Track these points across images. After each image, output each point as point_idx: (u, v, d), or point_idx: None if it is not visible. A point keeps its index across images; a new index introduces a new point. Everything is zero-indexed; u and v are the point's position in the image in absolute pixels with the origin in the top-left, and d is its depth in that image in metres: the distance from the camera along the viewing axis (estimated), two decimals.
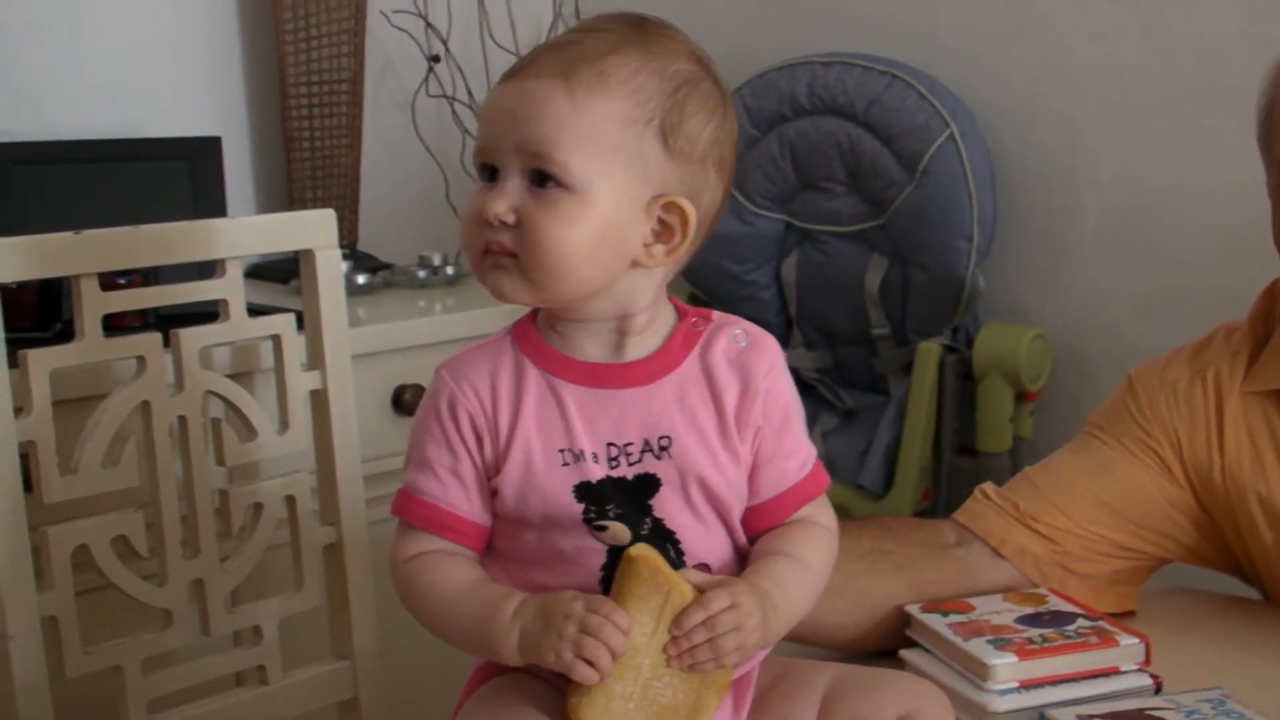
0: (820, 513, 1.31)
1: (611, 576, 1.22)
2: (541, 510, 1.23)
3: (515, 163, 1.20)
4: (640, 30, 1.24)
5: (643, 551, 1.19)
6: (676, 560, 1.25)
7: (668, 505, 1.24)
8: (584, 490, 1.23)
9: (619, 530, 1.23)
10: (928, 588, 1.63)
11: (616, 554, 1.22)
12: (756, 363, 1.27)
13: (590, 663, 1.16)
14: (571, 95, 1.19)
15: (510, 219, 1.20)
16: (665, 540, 1.24)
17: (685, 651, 1.18)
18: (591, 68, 1.20)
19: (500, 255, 1.21)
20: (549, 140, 1.19)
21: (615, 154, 1.20)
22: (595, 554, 1.24)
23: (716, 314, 1.30)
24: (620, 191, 1.21)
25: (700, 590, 1.19)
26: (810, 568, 1.28)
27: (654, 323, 1.27)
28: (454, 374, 1.27)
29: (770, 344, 1.29)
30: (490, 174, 1.22)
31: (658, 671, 1.18)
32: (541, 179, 1.19)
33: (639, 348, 1.26)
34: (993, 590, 1.63)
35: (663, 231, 1.24)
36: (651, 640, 1.18)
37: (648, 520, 1.24)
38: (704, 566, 1.26)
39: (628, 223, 1.22)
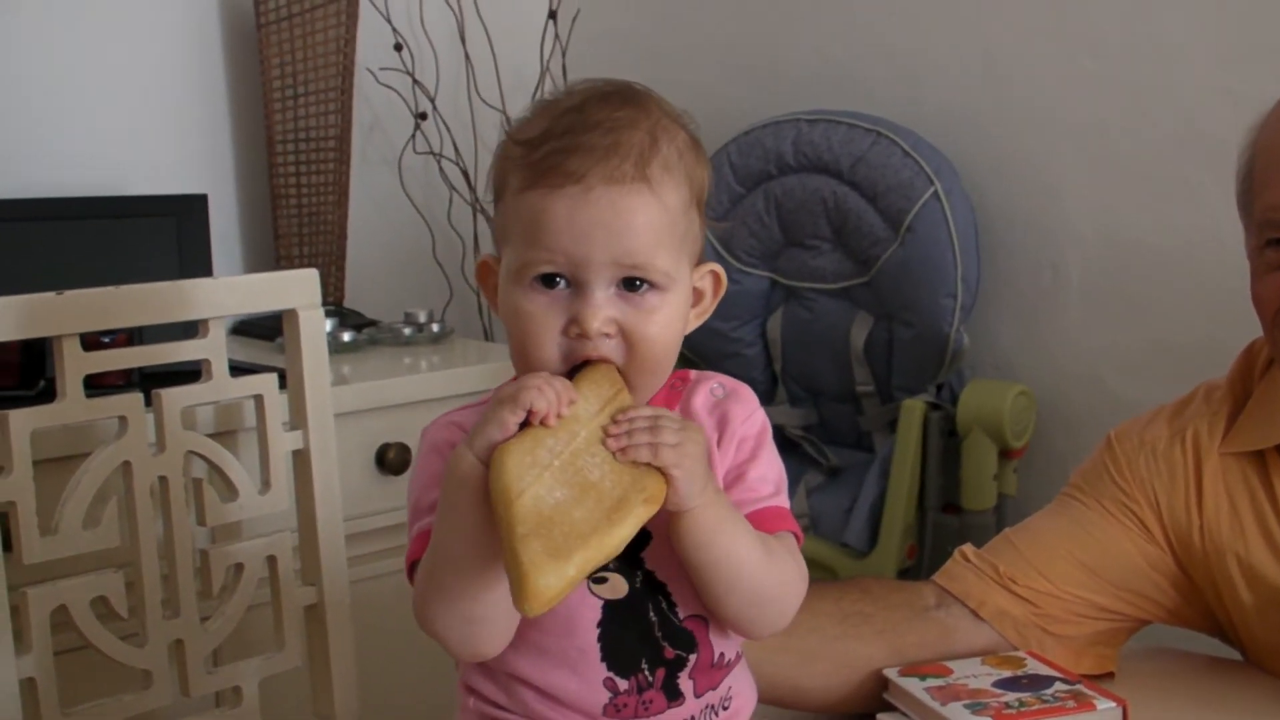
0: (786, 542, 1.27)
1: (607, 633, 1.22)
2: None
3: (607, 274, 1.18)
4: (647, 106, 1.23)
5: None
6: (668, 612, 1.25)
7: (658, 557, 1.24)
8: None
9: (618, 582, 1.23)
10: (908, 650, 1.62)
11: (611, 609, 1.23)
12: (735, 410, 1.27)
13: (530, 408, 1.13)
14: (659, 199, 1.18)
15: (611, 330, 1.18)
16: (656, 592, 1.24)
17: (623, 433, 1.14)
18: (657, 163, 1.19)
19: None
20: (651, 250, 1.18)
21: (683, 241, 1.22)
22: (590, 609, 1.23)
23: (693, 372, 1.30)
24: (686, 274, 1.23)
25: None
26: (768, 544, 1.23)
27: None
28: (445, 428, 1.26)
29: (746, 393, 1.30)
30: (550, 281, 1.19)
31: (592, 447, 1.14)
32: (633, 284, 1.18)
33: None
34: (972, 653, 1.62)
35: (696, 297, 1.26)
36: (594, 419, 1.15)
37: (639, 573, 1.24)
38: (697, 619, 1.26)
39: (689, 299, 1.24)
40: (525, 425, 1.13)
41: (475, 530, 1.14)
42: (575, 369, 1.19)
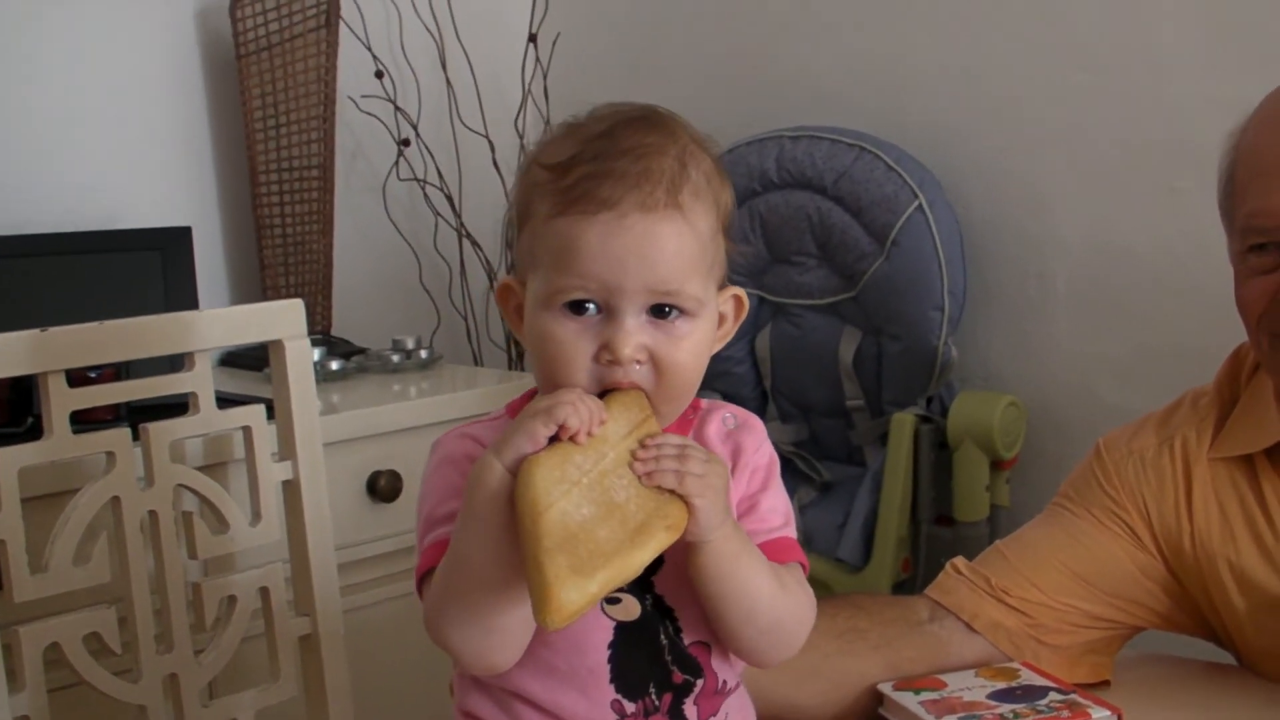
0: (795, 573, 1.28)
1: (618, 654, 1.22)
2: None
3: (639, 300, 1.17)
4: (674, 131, 1.23)
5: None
6: (674, 637, 1.25)
7: (668, 582, 1.24)
8: None
9: (631, 604, 1.23)
10: (903, 665, 1.62)
11: (623, 631, 1.23)
12: (747, 441, 1.28)
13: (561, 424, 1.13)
14: (691, 225, 1.18)
15: (642, 356, 1.18)
16: (664, 617, 1.24)
17: (651, 458, 1.14)
18: (688, 190, 1.19)
19: None
20: (683, 277, 1.18)
21: (712, 266, 1.22)
22: (603, 629, 1.23)
23: (704, 401, 1.30)
24: (714, 299, 1.23)
25: None
26: (781, 575, 1.24)
27: None
28: (459, 439, 1.26)
29: (757, 424, 1.31)
30: (580, 307, 1.18)
31: (619, 469, 1.14)
32: (663, 310, 1.18)
33: None
34: (967, 665, 1.63)
35: (719, 321, 1.25)
36: (622, 442, 1.15)
37: (649, 597, 1.24)
38: (701, 645, 1.26)
39: (716, 323, 1.24)
40: (554, 440, 1.14)
41: (498, 539, 1.14)
42: (603, 393, 1.19)
